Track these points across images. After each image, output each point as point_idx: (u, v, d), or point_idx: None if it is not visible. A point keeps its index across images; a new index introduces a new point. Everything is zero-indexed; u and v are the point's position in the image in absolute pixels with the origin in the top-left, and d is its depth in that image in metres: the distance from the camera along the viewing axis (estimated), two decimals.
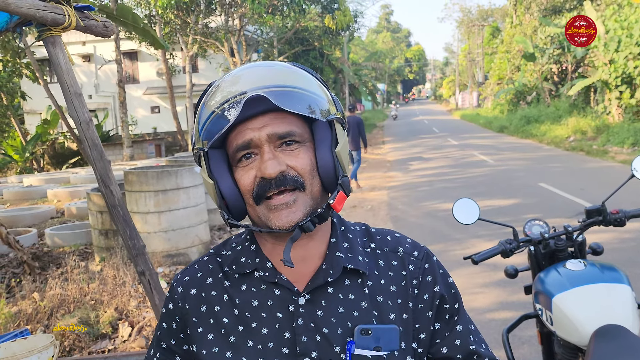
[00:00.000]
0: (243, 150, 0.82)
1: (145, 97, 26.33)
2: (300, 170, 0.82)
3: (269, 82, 0.80)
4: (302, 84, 0.83)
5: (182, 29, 15.23)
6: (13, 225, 7.62)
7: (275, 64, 0.87)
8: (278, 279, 0.87)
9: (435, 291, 0.92)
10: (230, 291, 0.89)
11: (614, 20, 14.92)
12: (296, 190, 0.81)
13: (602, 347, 1.48)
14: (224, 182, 0.84)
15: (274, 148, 0.81)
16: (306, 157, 0.83)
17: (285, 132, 0.81)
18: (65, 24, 2.26)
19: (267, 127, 0.81)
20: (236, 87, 0.81)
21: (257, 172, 0.81)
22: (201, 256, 0.97)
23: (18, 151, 16.85)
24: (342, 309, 0.86)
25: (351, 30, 23.96)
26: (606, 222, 1.95)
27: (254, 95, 0.78)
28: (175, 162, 7.16)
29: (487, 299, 4.22)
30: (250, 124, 0.81)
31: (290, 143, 0.82)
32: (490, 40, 40.72)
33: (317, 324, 0.84)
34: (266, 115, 0.81)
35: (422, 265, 0.93)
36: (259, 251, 0.90)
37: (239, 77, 0.83)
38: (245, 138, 0.81)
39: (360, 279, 0.89)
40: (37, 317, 3.76)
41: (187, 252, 5.55)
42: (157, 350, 0.94)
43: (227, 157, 0.86)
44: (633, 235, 5.56)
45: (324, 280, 0.86)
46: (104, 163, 2.47)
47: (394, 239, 0.96)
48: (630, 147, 12.62)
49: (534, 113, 21.20)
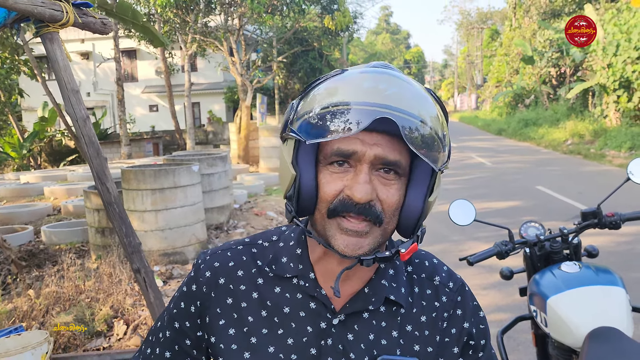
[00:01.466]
0: (340, 157, 0.75)
1: (144, 95, 26.33)
2: (387, 207, 0.76)
3: (402, 105, 0.72)
4: (435, 124, 0.75)
5: (181, 28, 15.21)
6: (9, 222, 7.60)
7: (416, 86, 0.78)
8: (317, 293, 0.83)
9: (463, 327, 0.89)
10: (261, 290, 0.85)
11: (613, 24, 14.96)
12: (371, 224, 0.75)
13: (596, 349, 1.49)
14: (308, 177, 0.77)
15: (372, 171, 0.75)
16: (397, 194, 0.77)
17: (393, 161, 0.75)
18: (63, 20, 2.26)
19: (378, 148, 0.74)
20: (375, 95, 0.72)
21: (346, 188, 0.75)
22: (234, 242, 0.92)
23: (15, 148, 16.80)
24: (372, 336, 0.83)
25: (350, 31, 23.95)
26: (601, 224, 1.95)
27: (390, 117, 0.70)
28: (172, 160, 7.14)
29: (483, 300, 4.22)
30: (362, 135, 0.73)
31: (389, 171, 0.76)
32: (489, 43, 40.83)
33: (345, 348, 0.82)
34: (380, 134, 0.74)
35: (454, 298, 0.90)
36: (305, 257, 0.85)
37: (380, 84, 0.74)
38: (351, 147, 0.74)
39: (396, 307, 0.86)
40: (32, 315, 3.74)
41: (184, 250, 5.54)
42: (168, 328, 0.90)
43: (315, 150, 0.78)
44: (629, 239, 5.57)
45: (363, 307, 0.83)
46: (101, 160, 2.47)
47: (431, 265, 0.92)
48: (627, 151, 12.66)
49: (532, 116, 21.27)
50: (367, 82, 0.75)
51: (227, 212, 7.17)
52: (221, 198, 6.99)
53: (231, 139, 15.75)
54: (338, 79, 0.77)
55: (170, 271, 5.16)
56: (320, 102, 0.75)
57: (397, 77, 0.77)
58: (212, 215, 6.81)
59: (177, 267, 5.30)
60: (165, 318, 0.92)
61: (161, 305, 2.79)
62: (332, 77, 0.78)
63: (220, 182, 6.93)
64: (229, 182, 7.27)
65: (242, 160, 14.38)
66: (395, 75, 0.77)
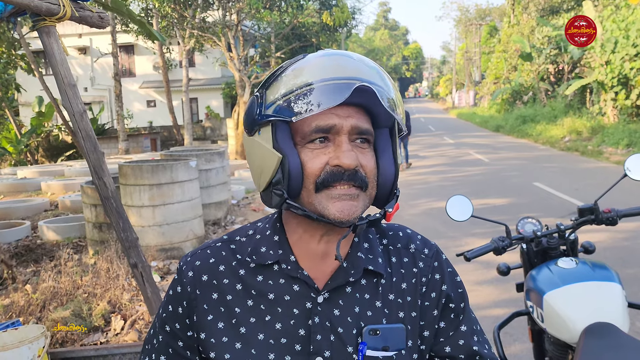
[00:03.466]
0: (320, 133, 0.79)
1: (142, 91, 26.24)
2: (368, 172, 0.81)
3: (371, 77, 0.79)
4: (394, 89, 0.82)
5: (179, 23, 15.16)
6: (6, 218, 7.59)
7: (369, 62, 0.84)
8: (300, 274, 0.85)
9: (442, 290, 0.92)
10: (245, 280, 0.87)
11: (612, 21, 14.96)
12: (359, 189, 0.80)
13: (592, 345, 1.49)
14: (293, 158, 0.79)
15: (349, 142, 0.80)
16: (373, 160, 0.83)
17: (366, 129, 0.81)
18: (60, 14, 2.25)
19: (352, 119, 0.80)
20: (347, 71, 0.78)
21: (331, 159, 0.79)
22: (213, 241, 0.94)
23: (12, 143, 16.75)
24: (357, 309, 0.86)
25: (349, 27, 23.90)
26: (598, 221, 1.95)
27: (365, 86, 0.76)
28: (170, 156, 7.13)
29: (480, 296, 4.23)
30: (337, 110, 0.79)
31: (363, 141, 0.82)
32: (488, 40, 40.78)
33: (332, 323, 0.84)
34: (351, 107, 0.81)
35: (431, 263, 0.93)
36: (283, 242, 0.87)
37: (346, 62, 0.80)
38: (328, 122, 0.79)
39: (376, 278, 0.89)
40: (29, 310, 3.74)
41: (181, 246, 5.54)
42: (161, 333, 0.92)
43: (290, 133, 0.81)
44: (626, 235, 5.59)
45: (344, 280, 0.85)
46: (98, 155, 2.46)
47: (405, 235, 0.96)
48: (624, 148, 12.68)
49: (529, 113, 21.27)
50: (330, 61, 0.80)
51: (225, 208, 7.16)
52: (219, 194, 6.98)
53: (229, 134, 15.73)
54: (304, 62, 0.81)
55: (167, 266, 5.15)
56: (292, 85, 0.78)
57: (350, 54, 0.83)
58: (210, 211, 6.81)
59: (175, 263, 5.30)
60: (157, 324, 0.93)
61: (158, 300, 2.79)
62: (298, 61, 0.82)
63: (218, 177, 6.93)
64: (227, 178, 7.26)
65: (239, 156, 14.37)
66: (348, 53, 0.84)
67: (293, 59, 0.84)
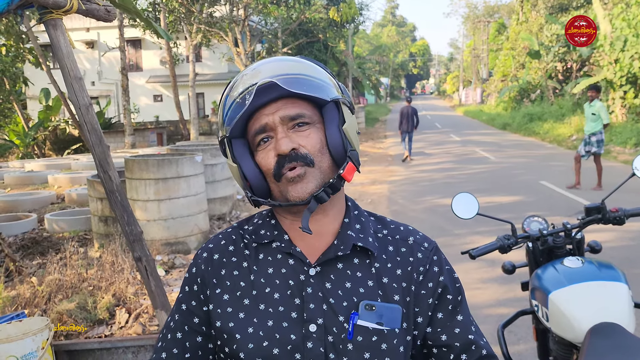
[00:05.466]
0: (260, 134, 0.92)
1: (149, 85, 26.30)
2: (310, 148, 0.90)
3: (280, 72, 0.90)
4: (309, 72, 0.92)
5: (186, 18, 15.16)
6: (13, 210, 7.64)
7: (288, 58, 0.96)
8: (293, 250, 0.94)
9: (439, 281, 0.97)
10: (249, 259, 0.97)
11: (621, 19, 14.82)
12: (305, 166, 0.89)
13: (597, 345, 1.48)
14: (247, 164, 0.93)
15: (287, 130, 0.91)
16: (316, 136, 0.92)
17: (295, 114, 0.91)
18: (67, 7, 2.25)
19: (280, 111, 0.90)
20: (254, 79, 0.90)
21: (275, 151, 0.90)
22: (225, 229, 1.05)
23: (20, 136, 16.85)
24: (349, 284, 0.92)
25: (356, 23, 23.84)
26: (605, 220, 1.94)
27: (265, 82, 0.88)
28: (176, 150, 7.14)
29: (484, 294, 4.22)
30: (265, 110, 0.91)
31: (301, 125, 0.91)
32: (496, 37, 40.57)
33: (324, 294, 0.91)
34: (279, 102, 0.91)
35: (430, 256, 0.99)
36: (278, 225, 0.98)
37: (258, 70, 0.92)
38: (261, 122, 0.91)
39: (369, 259, 0.95)
40: (34, 302, 3.76)
41: (186, 240, 5.55)
42: (178, 312, 0.99)
43: (248, 145, 0.95)
44: (633, 235, 5.55)
45: (334, 254, 0.93)
46: (103, 148, 2.46)
47: (406, 229, 1.03)
48: (632, 147, 12.58)
49: (537, 111, 21.14)
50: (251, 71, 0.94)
51: (230, 203, 7.17)
52: (224, 189, 6.99)
53: None
54: (235, 82, 0.95)
55: (172, 261, 5.17)
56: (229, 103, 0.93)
57: (275, 59, 0.96)
58: (215, 206, 6.82)
59: (180, 257, 5.32)
60: (174, 308, 1.02)
61: (162, 293, 2.80)
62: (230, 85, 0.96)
63: (223, 172, 6.93)
64: None
65: None
66: (274, 58, 0.97)
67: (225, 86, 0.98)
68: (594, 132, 8.33)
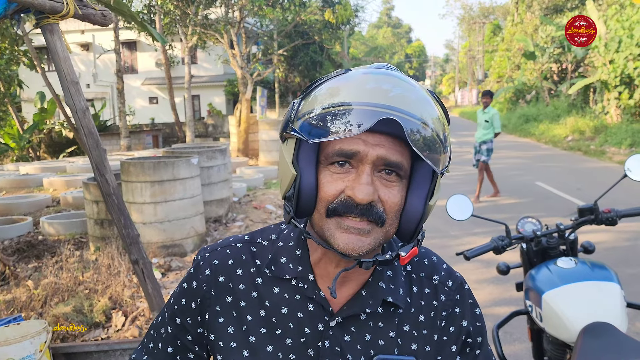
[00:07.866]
0: (342, 157, 0.74)
1: (144, 87, 26.27)
2: (388, 208, 0.75)
3: (410, 108, 0.72)
4: (437, 126, 0.74)
5: (181, 20, 15.16)
6: (8, 213, 7.61)
7: (418, 88, 0.77)
8: (316, 295, 0.83)
9: (462, 325, 0.90)
10: (260, 290, 0.86)
11: (616, 21, 14.91)
12: (373, 223, 0.75)
13: (590, 344, 1.50)
14: (308, 177, 0.76)
15: (374, 172, 0.75)
16: (399, 195, 0.76)
17: (395, 162, 0.74)
18: (64, 11, 2.25)
19: (381, 149, 0.74)
20: (379, 95, 0.72)
21: (347, 189, 0.74)
22: (234, 239, 0.92)
23: (15, 139, 16.78)
24: (368, 337, 0.84)
25: (351, 24, 23.88)
26: (598, 221, 1.96)
27: (395, 118, 0.70)
28: (172, 153, 7.14)
29: (479, 295, 4.24)
30: (365, 135, 0.73)
31: (390, 173, 0.76)
32: (491, 38, 40.69)
33: (342, 349, 0.83)
34: (383, 136, 0.74)
35: (453, 297, 0.91)
36: (305, 259, 0.84)
37: (387, 90, 0.73)
38: (353, 147, 0.73)
39: (394, 307, 0.86)
40: (31, 305, 3.76)
41: (183, 243, 5.55)
42: (170, 324, 0.91)
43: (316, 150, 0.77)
44: (627, 236, 5.59)
45: (360, 310, 0.83)
46: (100, 151, 2.47)
47: (430, 263, 0.93)
48: (627, 148, 12.65)
49: (532, 112, 21.23)
50: (370, 83, 0.74)
51: (226, 205, 7.17)
52: (220, 191, 6.99)
53: (231, 132, 15.72)
54: (341, 79, 0.77)
55: (168, 263, 5.17)
56: (322, 102, 0.74)
57: (400, 78, 0.76)
58: (211, 208, 6.82)
59: (176, 260, 5.31)
60: (167, 314, 0.93)
61: (159, 296, 2.81)
62: (335, 77, 0.78)
63: (220, 175, 6.93)
64: (228, 175, 7.27)
65: (241, 153, 14.37)
66: (399, 76, 0.77)
67: (334, 73, 0.80)
68: (485, 140, 8.05)
